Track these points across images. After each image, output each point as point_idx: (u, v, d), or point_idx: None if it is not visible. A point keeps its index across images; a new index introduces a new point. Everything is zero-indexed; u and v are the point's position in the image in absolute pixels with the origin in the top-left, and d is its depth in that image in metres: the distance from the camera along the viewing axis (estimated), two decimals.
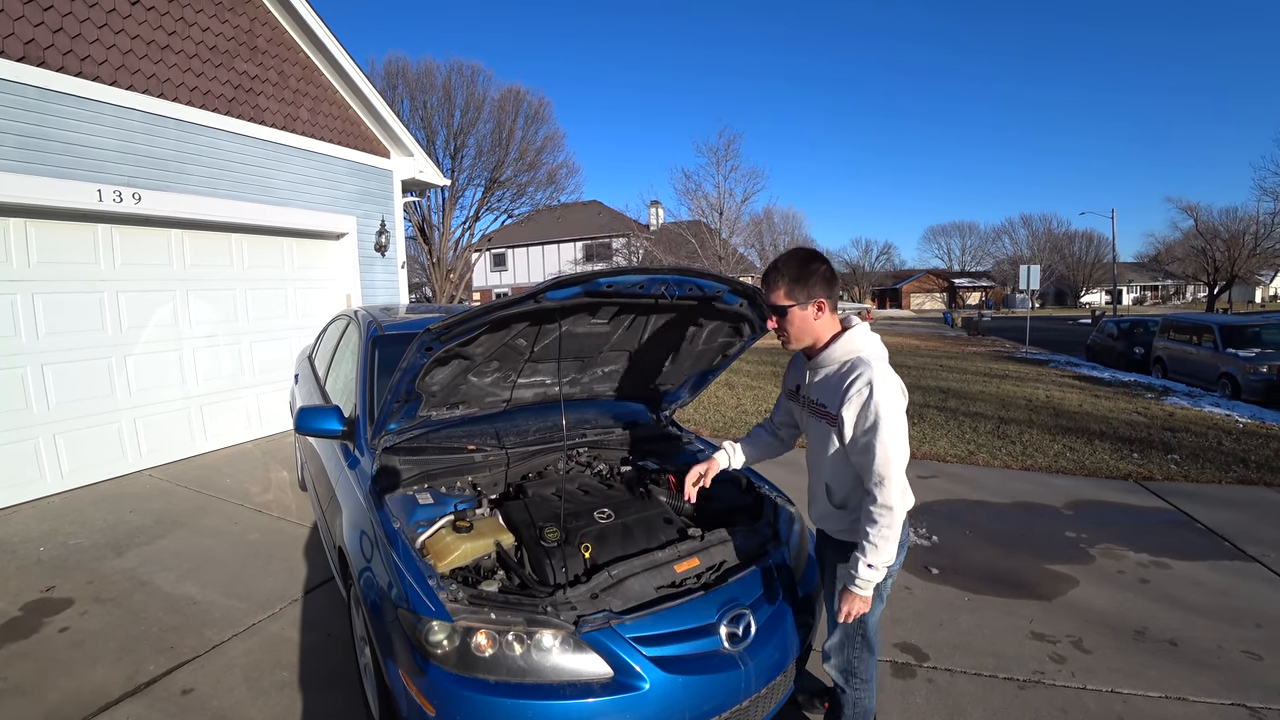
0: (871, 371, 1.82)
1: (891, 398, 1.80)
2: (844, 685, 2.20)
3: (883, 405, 1.78)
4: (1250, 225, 33.99)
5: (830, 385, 1.93)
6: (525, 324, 2.32)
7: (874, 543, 1.82)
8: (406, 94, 21.46)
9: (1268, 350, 10.62)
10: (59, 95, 4.90)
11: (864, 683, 2.18)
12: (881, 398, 1.79)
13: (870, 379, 1.80)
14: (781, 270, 1.94)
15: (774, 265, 1.98)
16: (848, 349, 1.92)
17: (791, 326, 1.97)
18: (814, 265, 1.93)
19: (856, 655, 2.14)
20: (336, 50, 7.25)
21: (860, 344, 1.92)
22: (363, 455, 2.69)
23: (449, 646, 1.81)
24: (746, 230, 26.88)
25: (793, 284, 1.92)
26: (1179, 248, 43.35)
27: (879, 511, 1.81)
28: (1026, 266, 18.88)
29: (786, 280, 1.93)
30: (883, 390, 1.79)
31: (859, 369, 1.85)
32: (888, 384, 1.81)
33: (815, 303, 1.92)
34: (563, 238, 36.71)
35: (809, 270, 1.92)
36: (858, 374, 1.83)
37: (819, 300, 1.92)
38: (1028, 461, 6.11)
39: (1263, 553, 4.02)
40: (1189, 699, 2.64)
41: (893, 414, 1.79)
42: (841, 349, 1.93)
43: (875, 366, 1.84)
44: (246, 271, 6.69)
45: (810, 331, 1.96)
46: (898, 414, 1.80)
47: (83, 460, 5.29)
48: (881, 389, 1.79)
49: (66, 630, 3.12)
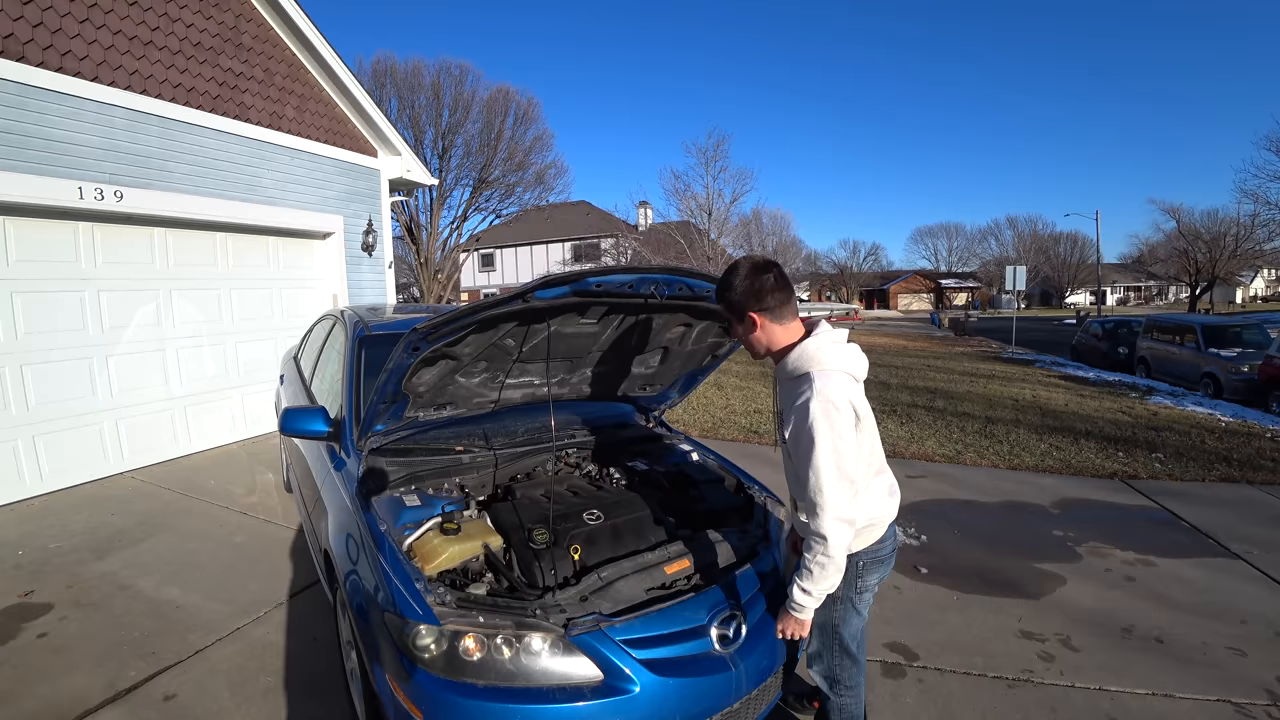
0: (812, 389, 1.70)
1: (828, 419, 1.67)
2: (829, 692, 2.16)
3: (817, 427, 1.66)
4: (1231, 227, 34.47)
5: (785, 398, 1.85)
6: (513, 324, 2.30)
7: (809, 568, 1.75)
8: (394, 93, 21.36)
9: (1249, 350, 10.78)
10: (39, 91, 4.81)
11: (849, 689, 2.13)
12: (816, 419, 1.66)
13: (809, 398, 1.69)
14: (717, 292, 1.91)
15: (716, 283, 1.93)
16: (799, 360, 1.80)
17: (743, 342, 1.94)
18: (735, 280, 1.83)
19: (838, 664, 2.10)
20: (323, 48, 7.19)
21: (813, 354, 1.78)
22: (349, 457, 2.66)
23: (436, 650, 1.79)
24: (735, 231, 27.04)
25: (726, 306, 1.89)
26: (1162, 249, 43.92)
27: (813, 539, 1.73)
28: (1012, 267, 19.08)
29: (722, 302, 1.90)
30: (819, 411, 1.67)
31: (802, 386, 1.74)
32: (827, 402, 1.68)
33: (749, 317, 1.84)
34: (551, 238, 36.60)
35: (731, 287, 1.84)
36: (800, 392, 1.74)
37: (750, 315, 1.83)
38: (1015, 461, 6.16)
39: (1246, 550, 4.07)
40: (1175, 695, 2.66)
41: (826, 438, 1.66)
42: (794, 360, 1.81)
43: (818, 383, 1.70)
44: (231, 271, 6.61)
45: (757, 344, 1.89)
46: (833, 437, 1.67)
47: (63, 462, 5.20)
48: (819, 407, 1.67)
49: (45, 636, 3.06)
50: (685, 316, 2.75)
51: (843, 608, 2.02)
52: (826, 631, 2.06)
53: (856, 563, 1.94)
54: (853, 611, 2.02)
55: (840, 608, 2.01)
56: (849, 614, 2.02)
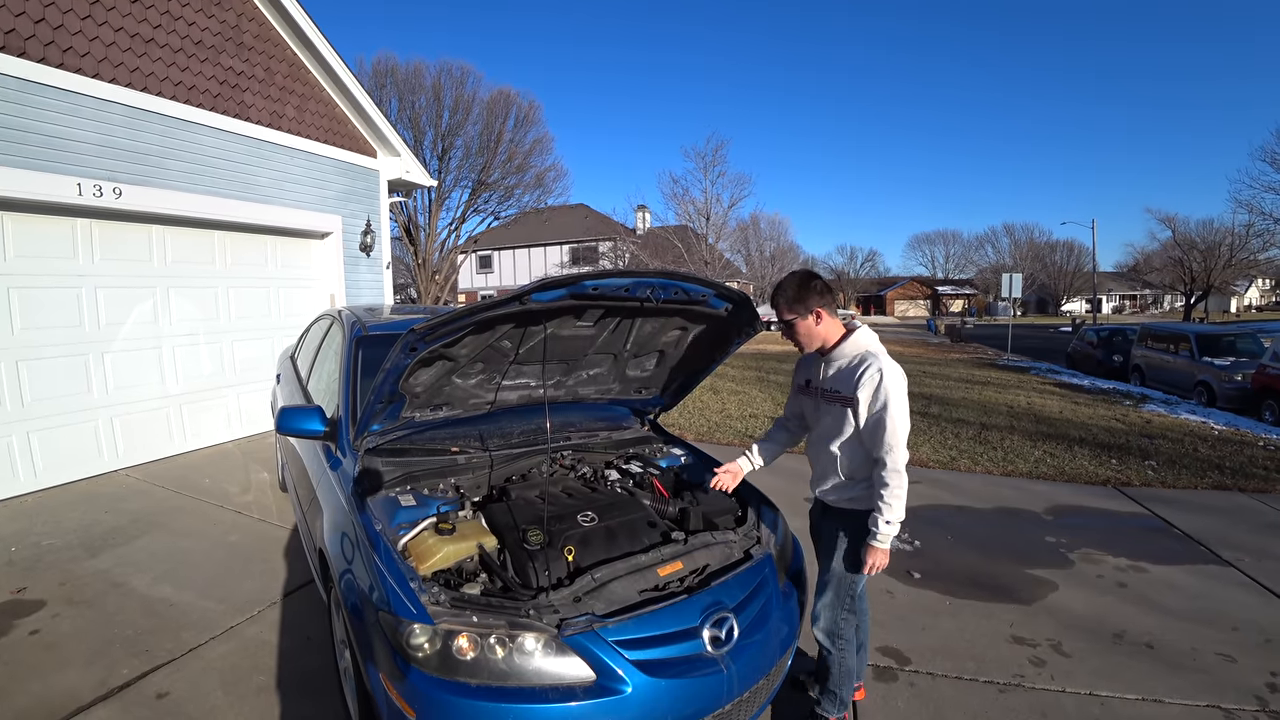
0: (880, 362, 2.16)
1: (897, 383, 2.14)
2: (830, 647, 2.39)
3: (891, 388, 2.11)
4: (1226, 237, 34.59)
5: (844, 375, 2.23)
6: (510, 326, 2.31)
7: (889, 502, 2.12)
8: (395, 94, 21.31)
9: (1242, 359, 10.85)
10: (39, 87, 4.82)
11: (847, 643, 2.39)
12: (890, 383, 2.12)
13: (880, 368, 2.14)
14: (782, 291, 2.29)
15: (777, 288, 2.33)
16: (857, 346, 2.26)
17: (799, 334, 2.30)
18: (809, 282, 2.28)
19: (843, 617, 2.37)
20: (324, 48, 7.20)
21: (866, 341, 2.27)
22: (345, 456, 2.66)
23: (430, 650, 1.79)
24: (733, 235, 27.05)
25: (793, 301, 2.26)
26: (1157, 258, 44.04)
27: (890, 475, 2.11)
28: (1009, 275, 19.12)
29: (787, 299, 2.27)
30: (891, 376, 2.13)
31: (869, 360, 2.18)
32: (894, 372, 2.16)
33: (814, 313, 2.25)
34: (549, 241, 36.59)
35: (805, 287, 2.26)
36: (868, 364, 2.17)
37: (816, 310, 2.24)
38: (1009, 467, 6.18)
39: (1237, 557, 4.09)
40: (1165, 701, 2.68)
41: (898, 395, 2.12)
42: (852, 346, 2.26)
43: (882, 359, 2.18)
44: (229, 269, 6.61)
45: (816, 335, 2.29)
46: (902, 396, 2.14)
47: (57, 459, 5.19)
48: (890, 375, 2.13)
49: (38, 633, 3.06)
50: (681, 320, 2.76)
51: (855, 561, 2.31)
52: (846, 582, 2.36)
53: None
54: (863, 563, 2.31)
55: (853, 560, 2.32)
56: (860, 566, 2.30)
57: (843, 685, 2.41)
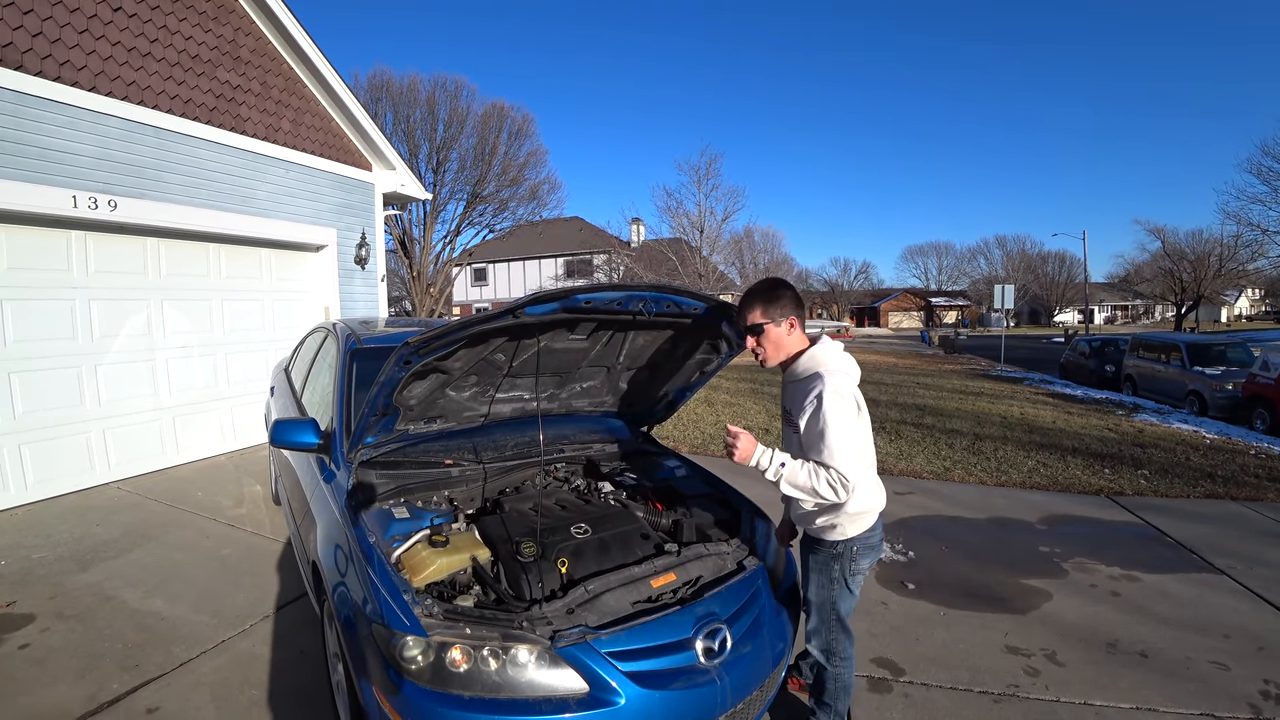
0: (823, 385, 2.03)
1: (839, 407, 2.01)
2: (825, 663, 2.37)
3: (828, 411, 1.99)
4: (1215, 247, 34.89)
5: (795, 395, 2.16)
6: (504, 339, 2.32)
7: (804, 471, 2.00)
8: (390, 107, 21.39)
9: (1233, 368, 10.94)
10: (36, 99, 4.83)
11: (844, 660, 2.35)
12: (827, 405, 2.00)
13: (821, 391, 2.02)
14: (756, 295, 2.20)
15: (749, 291, 2.23)
16: (810, 363, 2.14)
17: (768, 343, 2.18)
18: (783, 289, 2.20)
19: (834, 638, 2.33)
20: (320, 62, 7.25)
21: (821, 358, 2.14)
22: (339, 469, 2.66)
23: (423, 662, 1.79)
24: (727, 248, 27.05)
25: (767, 305, 2.17)
26: (1148, 269, 44.37)
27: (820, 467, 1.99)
28: (1001, 286, 19.30)
29: (761, 303, 2.18)
30: (831, 400, 2.00)
31: (814, 383, 2.07)
32: (837, 395, 2.02)
33: (788, 320, 2.16)
34: (544, 253, 36.68)
35: (779, 293, 2.18)
36: (813, 387, 2.06)
37: (790, 319, 2.16)
38: (1002, 477, 6.20)
39: (1230, 565, 4.11)
40: (1159, 710, 2.68)
41: (839, 419, 1.99)
42: (805, 362, 2.15)
43: (828, 380, 2.04)
44: (224, 282, 6.61)
45: (784, 347, 2.18)
46: (845, 419, 2.01)
47: (49, 471, 5.16)
48: (830, 399, 2.01)
49: (27, 647, 3.03)
50: (673, 333, 2.78)
51: (839, 589, 2.27)
52: (826, 609, 2.31)
53: (851, 548, 2.23)
54: (847, 592, 2.29)
55: (837, 589, 2.28)
56: (844, 594, 2.28)
57: (839, 699, 2.39)
